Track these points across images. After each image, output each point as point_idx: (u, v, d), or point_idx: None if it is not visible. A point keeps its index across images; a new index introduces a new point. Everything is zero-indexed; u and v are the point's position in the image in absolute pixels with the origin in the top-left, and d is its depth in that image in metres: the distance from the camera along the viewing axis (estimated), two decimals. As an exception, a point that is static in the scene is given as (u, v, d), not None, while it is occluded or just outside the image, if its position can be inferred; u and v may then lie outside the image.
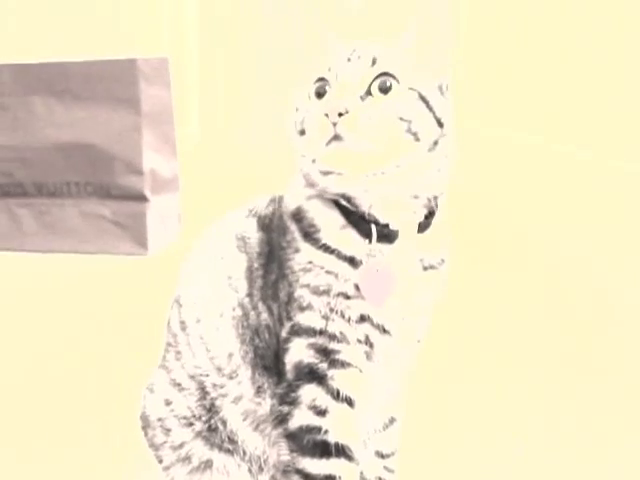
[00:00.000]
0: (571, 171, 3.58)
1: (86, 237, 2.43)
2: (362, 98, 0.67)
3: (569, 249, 2.39)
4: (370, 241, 0.71)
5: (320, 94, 0.69)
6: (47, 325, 1.75)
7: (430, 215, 0.74)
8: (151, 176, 2.42)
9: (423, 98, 0.68)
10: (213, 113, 4.58)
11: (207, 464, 0.81)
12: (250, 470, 0.81)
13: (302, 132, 0.70)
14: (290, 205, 0.75)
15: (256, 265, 0.79)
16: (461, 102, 0.80)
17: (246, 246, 0.80)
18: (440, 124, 0.69)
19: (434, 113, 0.69)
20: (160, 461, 0.85)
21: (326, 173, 0.69)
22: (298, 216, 0.74)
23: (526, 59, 4.61)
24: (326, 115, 0.65)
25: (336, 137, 0.65)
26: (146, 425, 0.86)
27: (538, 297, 1.88)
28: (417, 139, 0.68)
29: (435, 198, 0.73)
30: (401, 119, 0.67)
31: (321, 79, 0.70)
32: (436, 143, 0.69)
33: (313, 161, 0.69)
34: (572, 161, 3.68)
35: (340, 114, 0.65)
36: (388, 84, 0.67)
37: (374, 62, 0.68)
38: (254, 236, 0.80)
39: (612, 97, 3.81)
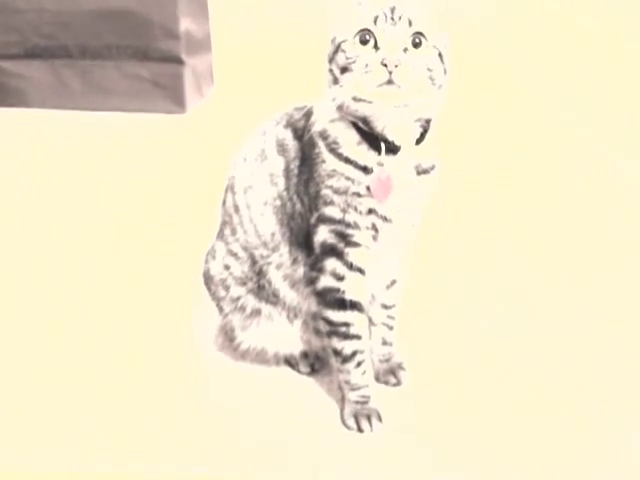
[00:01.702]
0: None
1: (127, 96, 2.69)
2: (404, 52, 0.90)
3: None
4: (379, 154, 0.97)
5: (364, 42, 0.92)
6: (101, 179, 2.06)
7: (425, 132, 0.99)
8: (186, 39, 2.63)
9: (440, 53, 0.92)
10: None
11: (257, 312, 1.13)
12: (288, 316, 1.13)
13: (344, 69, 0.93)
14: (317, 126, 1.00)
15: (292, 166, 1.05)
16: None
17: (284, 151, 1.06)
18: (445, 72, 0.94)
19: (444, 64, 0.93)
20: (220, 309, 1.17)
21: (358, 100, 0.93)
22: (324, 134, 0.99)
23: None
24: (383, 64, 0.89)
25: (389, 82, 0.89)
26: (209, 282, 1.18)
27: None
28: (433, 83, 0.92)
29: (429, 120, 0.98)
30: (428, 69, 0.91)
31: (365, 30, 0.92)
32: (440, 87, 0.94)
33: (352, 91, 0.92)
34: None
35: (396, 65, 0.89)
36: (420, 41, 0.91)
37: (410, 23, 0.90)
38: (291, 144, 1.06)
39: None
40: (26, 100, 2.71)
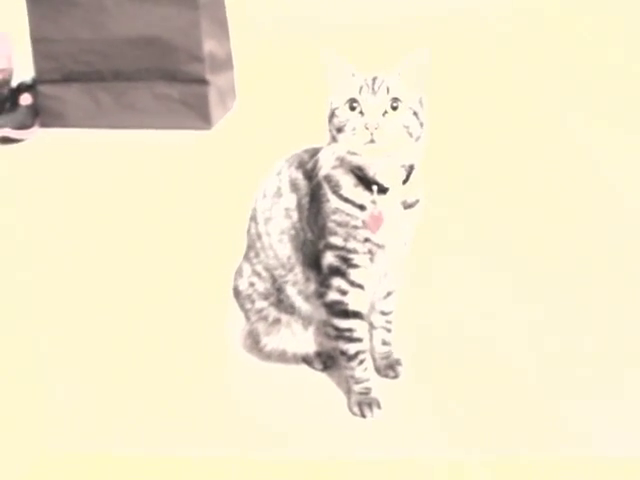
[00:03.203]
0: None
1: (157, 115, 2.93)
2: (383, 115, 1.15)
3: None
4: (372, 194, 1.23)
5: (352, 108, 1.17)
6: (134, 193, 2.30)
7: (409, 175, 1.25)
8: (210, 61, 2.89)
9: (414, 112, 1.17)
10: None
11: (277, 321, 1.38)
12: (303, 324, 1.37)
13: (340, 130, 1.18)
14: (323, 171, 1.24)
15: (303, 202, 1.31)
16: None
17: (296, 189, 1.31)
18: (422, 126, 1.18)
19: (419, 119, 1.17)
20: (248, 319, 1.42)
21: (352, 154, 1.19)
22: (328, 178, 1.24)
23: None
24: (366, 127, 1.14)
25: (372, 141, 1.14)
26: (238, 296, 1.43)
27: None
28: (411, 136, 1.17)
29: (411, 166, 1.23)
30: (404, 126, 1.15)
31: (352, 99, 1.17)
32: (418, 138, 1.19)
33: (346, 148, 1.17)
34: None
35: (375, 128, 1.14)
36: (397, 105, 1.15)
37: (388, 91, 1.15)
38: (302, 183, 1.31)
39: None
40: (64, 120, 2.97)
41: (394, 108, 1.16)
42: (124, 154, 2.70)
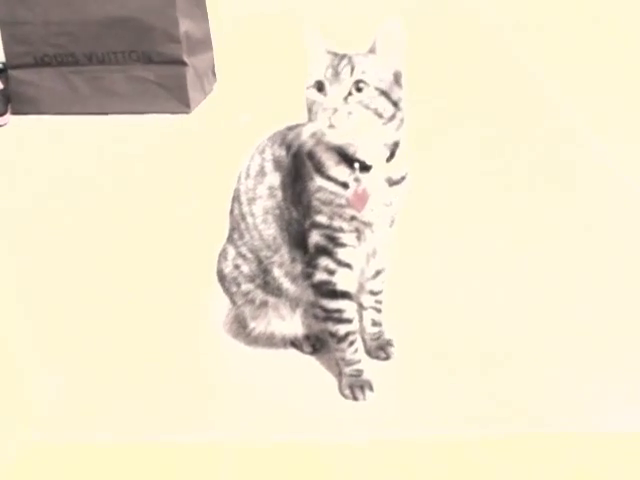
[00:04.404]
0: None
1: (133, 98, 2.90)
2: (345, 98, 1.13)
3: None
4: (354, 172, 1.21)
5: (320, 89, 1.15)
6: (111, 179, 2.28)
7: (393, 151, 1.23)
8: (186, 41, 2.85)
9: (384, 92, 1.14)
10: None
11: (264, 303, 1.36)
12: (291, 306, 1.36)
13: (309, 110, 1.16)
14: (305, 148, 1.23)
15: (287, 180, 1.29)
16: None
17: (280, 167, 1.30)
18: (395, 105, 1.15)
19: (391, 99, 1.14)
20: (234, 303, 1.41)
21: (323, 134, 1.15)
22: (311, 155, 1.22)
23: None
24: (325, 110, 1.13)
25: (331, 125, 1.12)
26: (222, 279, 1.42)
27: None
28: (380, 117, 1.14)
29: (395, 143, 1.21)
30: (368, 107, 1.13)
31: (319, 81, 1.14)
32: (392, 117, 1.16)
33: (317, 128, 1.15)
34: None
35: (333, 112, 1.12)
36: (361, 86, 1.13)
37: (352, 72, 1.12)
38: (285, 160, 1.29)
39: None
40: (38, 106, 2.93)
41: (359, 90, 1.13)
42: (100, 140, 2.67)
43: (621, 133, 2.38)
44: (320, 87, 1.15)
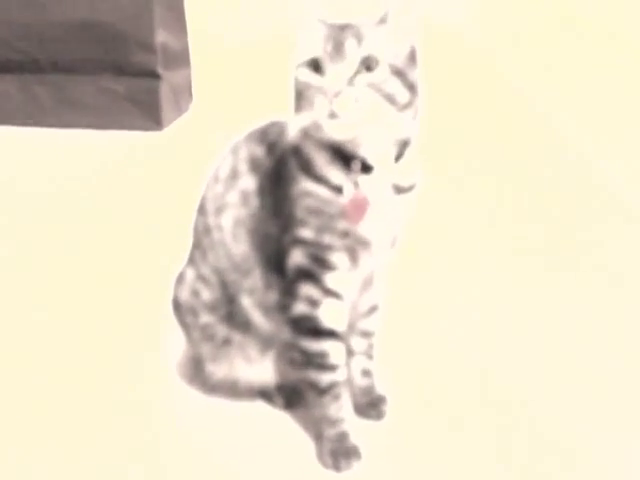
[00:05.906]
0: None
1: (101, 113, 2.68)
2: (351, 78, 0.89)
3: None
4: (352, 173, 0.96)
5: (316, 68, 0.91)
6: (73, 199, 2.07)
7: (402, 150, 0.98)
8: (163, 53, 2.64)
9: (399, 71, 0.90)
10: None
11: (227, 342, 1.12)
12: (261, 346, 1.12)
13: (299, 96, 0.93)
14: (290, 143, 0.99)
15: (265, 184, 1.04)
16: None
17: (257, 168, 1.05)
18: (411, 89, 0.92)
19: (407, 80, 0.91)
20: (189, 338, 1.16)
21: (317, 127, 0.91)
22: (295, 151, 0.98)
23: None
24: (324, 94, 0.89)
25: (332, 115, 0.88)
26: (177, 308, 1.16)
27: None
28: (393, 104, 0.90)
29: (406, 140, 0.97)
30: (380, 91, 0.89)
31: (315, 58, 0.91)
32: (407, 104, 0.92)
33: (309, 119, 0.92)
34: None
35: (335, 96, 0.87)
36: (371, 64, 0.89)
37: (360, 44, 0.89)
38: (264, 160, 1.05)
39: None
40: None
41: (368, 68, 0.90)
42: (63, 157, 2.44)
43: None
44: (316, 66, 0.91)
